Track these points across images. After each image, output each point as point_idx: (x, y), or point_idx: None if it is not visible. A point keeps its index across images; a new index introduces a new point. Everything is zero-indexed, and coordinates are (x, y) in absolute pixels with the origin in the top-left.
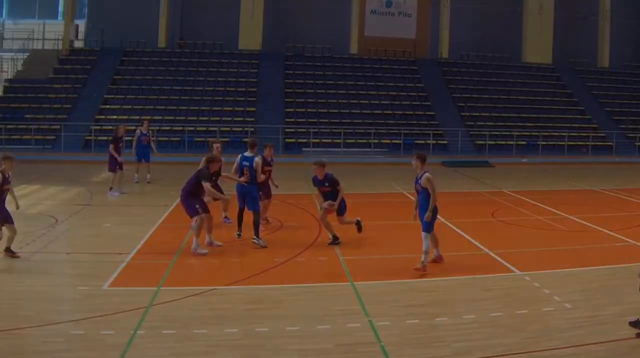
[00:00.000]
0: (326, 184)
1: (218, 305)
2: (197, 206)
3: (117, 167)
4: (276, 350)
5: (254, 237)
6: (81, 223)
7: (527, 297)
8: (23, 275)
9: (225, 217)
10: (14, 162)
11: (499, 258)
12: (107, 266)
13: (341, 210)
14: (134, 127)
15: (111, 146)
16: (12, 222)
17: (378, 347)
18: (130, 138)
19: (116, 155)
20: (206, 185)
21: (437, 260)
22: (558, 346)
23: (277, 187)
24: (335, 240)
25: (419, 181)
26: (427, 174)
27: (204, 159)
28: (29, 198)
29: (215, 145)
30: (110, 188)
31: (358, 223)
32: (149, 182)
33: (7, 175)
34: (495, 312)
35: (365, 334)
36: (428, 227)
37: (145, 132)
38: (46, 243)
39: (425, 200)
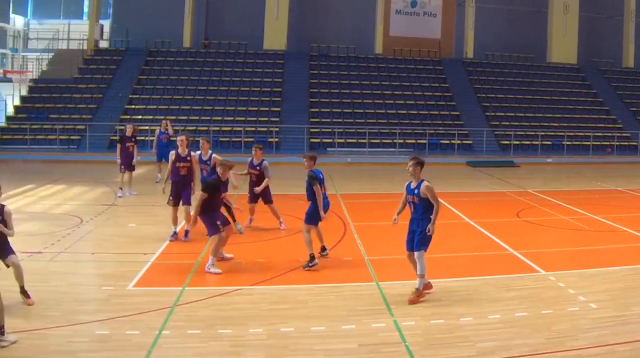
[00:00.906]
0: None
1: (243, 305)
2: (219, 222)
3: (122, 167)
4: (301, 350)
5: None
6: (106, 223)
7: (552, 297)
8: (48, 275)
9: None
10: None
11: (524, 258)
12: (132, 266)
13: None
14: (156, 128)
15: (118, 146)
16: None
17: (403, 347)
18: (151, 138)
19: (118, 157)
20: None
21: (427, 287)
22: (583, 346)
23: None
24: (311, 261)
25: (417, 191)
26: (426, 183)
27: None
28: (53, 198)
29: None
30: (120, 189)
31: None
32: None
33: None
34: (520, 312)
35: (390, 334)
36: (427, 243)
37: (164, 130)
38: (71, 243)
39: (423, 213)
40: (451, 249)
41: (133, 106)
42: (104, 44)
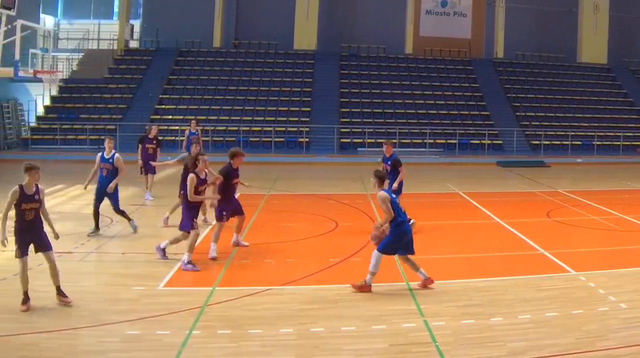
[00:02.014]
0: (388, 163)
1: (273, 305)
2: (224, 212)
3: (142, 169)
4: (331, 350)
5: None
6: (137, 223)
7: (583, 297)
8: (78, 275)
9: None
10: (38, 173)
11: (554, 258)
12: (162, 266)
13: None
14: (187, 128)
15: (139, 147)
16: (49, 249)
17: (433, 347)
18: (181, 138)
19: (139, 158)
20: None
21: (427, 283)
22: (613, 346)
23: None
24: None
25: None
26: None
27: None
28: (84, 198)
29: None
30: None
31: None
32: None
33: (31, 192)
34: (550, 312)
35: (420, 334)
36: (383, 245)
37: (194, 131)
38: (101, 243)
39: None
40: (481, 249)
41: (163, 106)
42: (134, 44)
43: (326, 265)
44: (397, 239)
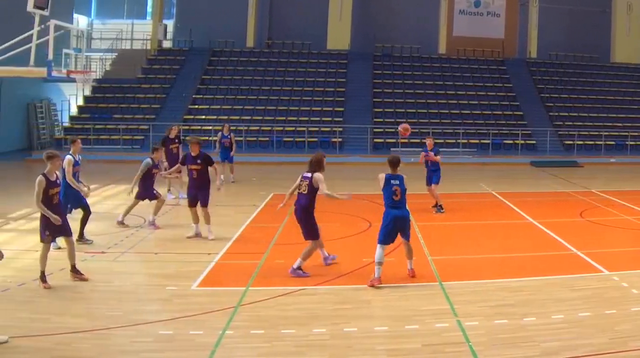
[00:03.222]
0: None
1: (306, 305)
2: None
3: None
4: (364, 350)
5: None
6: (169, 223)
7: (616, 297)
8: (111, 275)
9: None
10: (60, 160)
11: (587, 258)
12: (195, 266)
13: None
14: (221, 127)
15: (162, 149)
16: (70, 234)
17: (466, 347)
18: (214, 138)
19: (164, 160)
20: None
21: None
22: None
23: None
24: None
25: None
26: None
27: None
28: (116, 198)
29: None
30: (168, 191)
31: None
32: (232, 182)
33: (54, 178)
34: (583, 312)
35: (453, 334)
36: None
37: (226, 134)
38: (134, 243)
39: None
40: (514, 249)
41: (196, 106)
42: (167, 44)
43: (359, 265)
44: (386, 223)
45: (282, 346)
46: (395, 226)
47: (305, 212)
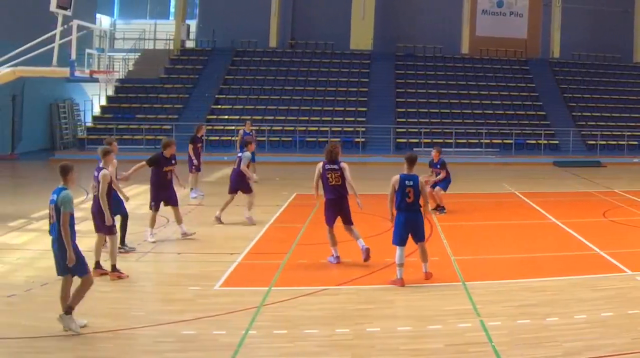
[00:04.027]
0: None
1: (329, 305)
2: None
3: (192, 167)
4: (387, 350)
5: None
6: (192, 223)
7: (639, 297)
8: (134, 275)
9: None
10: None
11: (610, 258)
12: (218, 266)
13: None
14: (243, 127)
15: (190, 146)
16: (115, 233)
17: (489, 347)
18: (236, 138)
19: (193, 157)
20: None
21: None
22: None
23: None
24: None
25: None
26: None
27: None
28: (139, 198)
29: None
30: (191, 189)
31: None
32: (255, 182)
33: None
34: (606, 312)
35: (476, 334)
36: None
37: (248, 131)
38: (157, 243)
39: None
40: (537, 249)
41: (219, 106)
42: (190, 44)
43: (382, 265)
44: (398, 225)
45: (304, 346)
46: (406, 229)
47: (347, 199)
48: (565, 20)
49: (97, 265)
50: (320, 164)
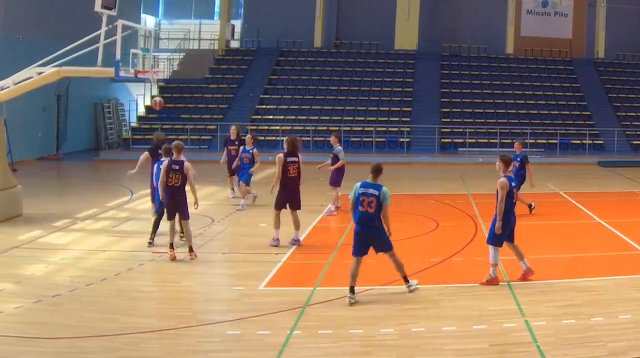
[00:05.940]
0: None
1: (374, 305)
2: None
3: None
4: (432, 350)
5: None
6: (237, 224)
7: None
8: (179, 275)
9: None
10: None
11: None
12: (263, 266)
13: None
14: (289, 127)
15: (225, 149)
16: (188, 217)
17: (534, 347)
18: (282, 137)
19: (224, 158)
20: None
21: (527, 274)
22: None
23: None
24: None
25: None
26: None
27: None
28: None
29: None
30: (232, 189)
31: None
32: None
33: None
34: None
35: (521, 334)
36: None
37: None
38: (202, 243)
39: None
40: (582, 249)
41: (264, 106)
42: (235, 44)
43: (427, 265)
44: (503, 229)
45: (349, 346)
46: (510, 229)
47: (299, 189)
48: (609, 20)
49: (171, 246)
50: (281, 155)
